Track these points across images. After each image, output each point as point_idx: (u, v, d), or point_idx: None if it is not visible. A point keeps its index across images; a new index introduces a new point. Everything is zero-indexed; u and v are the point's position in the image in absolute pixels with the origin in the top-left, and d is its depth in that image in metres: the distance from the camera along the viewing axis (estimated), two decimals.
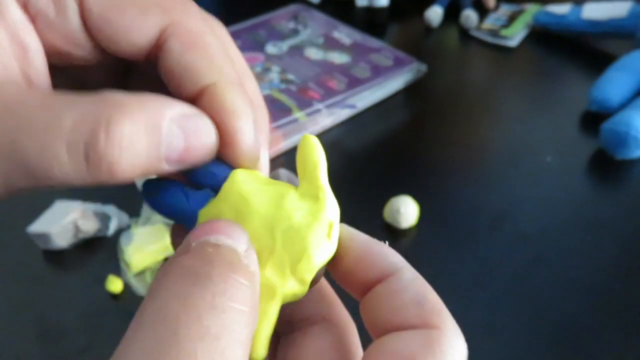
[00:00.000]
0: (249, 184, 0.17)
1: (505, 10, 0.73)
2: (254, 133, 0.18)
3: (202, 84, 0.17)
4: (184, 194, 0.18)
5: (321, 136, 0.54)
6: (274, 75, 0.58)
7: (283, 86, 0.56)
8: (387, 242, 0.18)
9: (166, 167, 0.16)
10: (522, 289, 0.39)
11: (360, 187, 0.48)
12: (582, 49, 0.65)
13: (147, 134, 0.15)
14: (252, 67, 0.59)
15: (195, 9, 0.18)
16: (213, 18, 0.20)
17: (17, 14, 0.16)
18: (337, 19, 0.68)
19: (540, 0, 0.75)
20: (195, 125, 0.16)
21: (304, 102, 0.54)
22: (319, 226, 0.17)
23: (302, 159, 0.18)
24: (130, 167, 0.15)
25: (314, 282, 0.17)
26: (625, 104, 0.52)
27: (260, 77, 0.58)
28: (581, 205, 0.46)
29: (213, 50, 0.18)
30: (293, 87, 0.56)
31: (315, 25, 0.67)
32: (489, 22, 0.70)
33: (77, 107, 0.14)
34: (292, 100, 0.54)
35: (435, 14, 0.70)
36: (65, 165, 0.14)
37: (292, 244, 0.16)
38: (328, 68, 0.59)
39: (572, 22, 0.65)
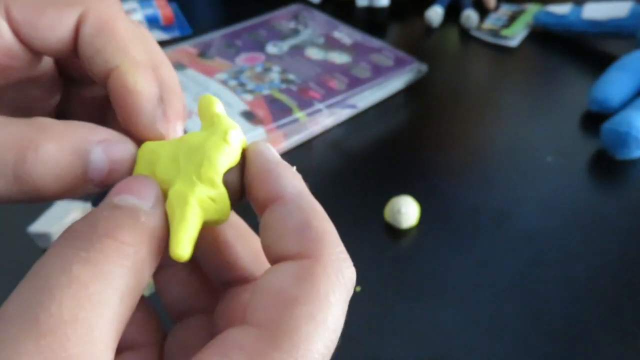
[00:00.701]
0: (158, 143, 0.19)
1: (505, 10, 0.73)
2: (154, 112, 0.19)
3: (109, 66, 0.18)
4: None
5: (322, 136, 0.54)
6: (275, 75, 0.58)
7: (283, 86, 0.56)
8: (295, 167, 0.18)
9: (91, 188, 0.18)
10: (522, 288, 0.39)
11: (361, 187, 0.48)
12: (583, 49, 0.65)
13: (73, 157, 0.17)
14: (252, 67, 0.59)
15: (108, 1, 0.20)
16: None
17: None
18: (338, 19, 0.68)
19: (540, 0, 0.75)
20: (118, 150, 0.18)
21: (305, 102, 0.54)
22: (214, 136, 0.18)
23: (201, 108, 0.19)
24: (55, 185, 0.16)
25: (235, 190, 0.18)
26: (625, 104, 0.52)
27: (260, 77, 0.58)
28: (582, 205, 0.46)
29: (121, 33, 0.19)
30: (294, 87, 0.56)
31: (315, 25, 0.67)
32: (490, 22, 0.70)
33: (9, 129, 0.16)
34: (292, 100, 0.54)
35: (435, 14, 0.70)
36: None
37: (194, 156, 0.17)
38: (329, 68, 0.59)
39: (572, 22, 0.65)
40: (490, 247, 0.42)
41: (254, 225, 0.21)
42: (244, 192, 0.18)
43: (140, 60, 0.19)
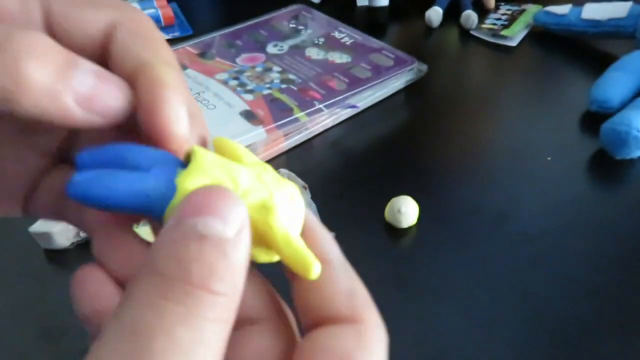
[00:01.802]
0: (233, 148, 0.18)
1: (505, 10, 0.73)
2: (183, 107, 0.17)
3: (140, 62, 0.18)
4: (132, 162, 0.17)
5: (322, 136, 0.54)
6: (275, 75, 0.58)
7: (284, 86, 0.56)
8: (334, 235, 0.19)
9: (71, 103, 0.16)
10: (522, 288, 0.39)
11: (361, 187, 0.48)
12: (582, 49, 0.66)
13: (63, 58, 0.16)
14: (253, 67, 0.59)
15: (142, 13, 0.20)
16: None
17: None
18: (338, 19, 0.68)
19: (540, 0, 0.75)
20: (108, 77, 0.17)
21: (305, 102, 0.54)
22: (299, 196, 0.18)
23: (226, 151, 0.18)
24: (37, 72, 0.15)
25: None
26: (625, 104, 0.52)
27: (261, 77, 0.58)
28: (581, 205, 0.46)
29: (155, 37, 0.19)
30: (294, 87, 0.56)
31: (316, 25, 0.68)
32: (489, 22, 0.70)
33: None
34: (293, 100, 0.54)
35: (435, 14, 0.70)
36: None
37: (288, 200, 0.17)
38: (329, 68, 0.59)
39: (572, 22, 0.65)
40: (490, 247, 0.42)
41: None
42: None
43: (172, 62, 0.18)
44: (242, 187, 0.16)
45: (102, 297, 0.18)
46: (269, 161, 0.51)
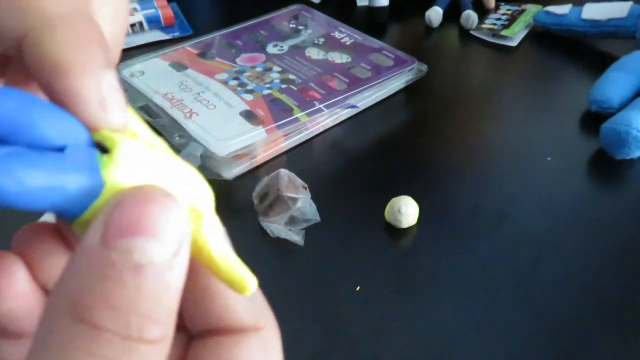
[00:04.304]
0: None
1: (505, 10, 0.73)
2: (100, 85, 0.13)
3: (16, 37, 0.13)
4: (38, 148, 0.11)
5: (322, 136, 0.54)
6: (275, 75, 0.58)
7: (284, 86, 0.56)
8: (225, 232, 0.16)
9: None
10: (522, 288, 0.40)
11: (361, 187, 0.48)
12: (582, 49, 0.66)
13: None
14: (253, 67, 0.59)
15: None
16: None
17: None
18: (338, 19, 0.68)
19: (540, 0, 0.75)
20: None
21: (305, 102, 0.54)
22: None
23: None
24: None
25: None
26: (625, 104, 0.52)
27: (261, 77, 0.58)
28: (581, 205, 0.46)
29: None
30: (294, 87, 0.56)
31: (316, 25, 0.68)
32: (489, 22, 0.70)
33: None
34: (293, 100, 0.54)
35: (435, 14, 0.70)
36: None
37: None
38: (329, 68, 0.59)
39: (572, 22, 0.65)
40: (490, 247, 0.42)
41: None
42: None
43: (61, 15, 0.13)
44: (175, 185, 0.13)
45: (23, 297, 0.15)
46: (268, 161, 0.51)
